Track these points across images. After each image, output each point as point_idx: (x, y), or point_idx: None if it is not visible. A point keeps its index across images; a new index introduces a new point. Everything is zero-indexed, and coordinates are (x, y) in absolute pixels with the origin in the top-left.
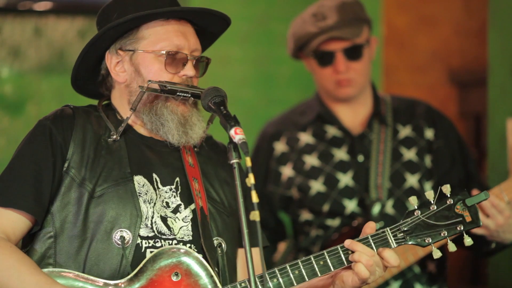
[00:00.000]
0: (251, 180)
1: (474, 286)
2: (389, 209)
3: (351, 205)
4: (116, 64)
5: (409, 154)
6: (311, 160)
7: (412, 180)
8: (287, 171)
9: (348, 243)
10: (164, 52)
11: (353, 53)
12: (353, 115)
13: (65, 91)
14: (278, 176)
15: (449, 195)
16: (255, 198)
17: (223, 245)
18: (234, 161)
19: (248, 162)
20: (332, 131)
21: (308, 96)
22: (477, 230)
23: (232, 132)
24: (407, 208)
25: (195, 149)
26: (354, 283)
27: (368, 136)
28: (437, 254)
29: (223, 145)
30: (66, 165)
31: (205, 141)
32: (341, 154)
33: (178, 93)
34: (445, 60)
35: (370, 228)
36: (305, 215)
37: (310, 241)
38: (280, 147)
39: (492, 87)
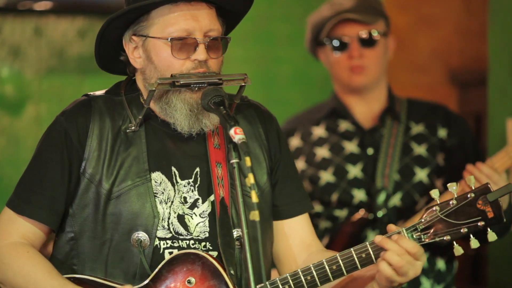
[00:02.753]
0: (251, 180)
1: (474, 286)
2: (397, 201)
3: (359, 195)
4: (133, 49)
5: (420, 150)
6: (322, 152)
7: (421, 174)
8: (300, 164)
9: (378, 239)
10: (169, 39)
11: (368, 40)
12: (366, 109)
13: (65, 91)
14: None
15: (473, 187)
16: (254, 198)
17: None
18: (234, 161)
19: (248, 162)
20: (344, 125)
21: (308, 96)
22: None
23: (232, 132)
24: (416, 202)
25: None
26: (382, 281)
27: (380, 130)
28: (458, 251)
29: (257, 105)
30: (83, 165)
31: (238, 107)
32: (351, 147)
33: (192, 86)
34: (445, 60)
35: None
36: (315, 207)
37: (318, 234)
38: (294, 142)
39: (492, 87)
